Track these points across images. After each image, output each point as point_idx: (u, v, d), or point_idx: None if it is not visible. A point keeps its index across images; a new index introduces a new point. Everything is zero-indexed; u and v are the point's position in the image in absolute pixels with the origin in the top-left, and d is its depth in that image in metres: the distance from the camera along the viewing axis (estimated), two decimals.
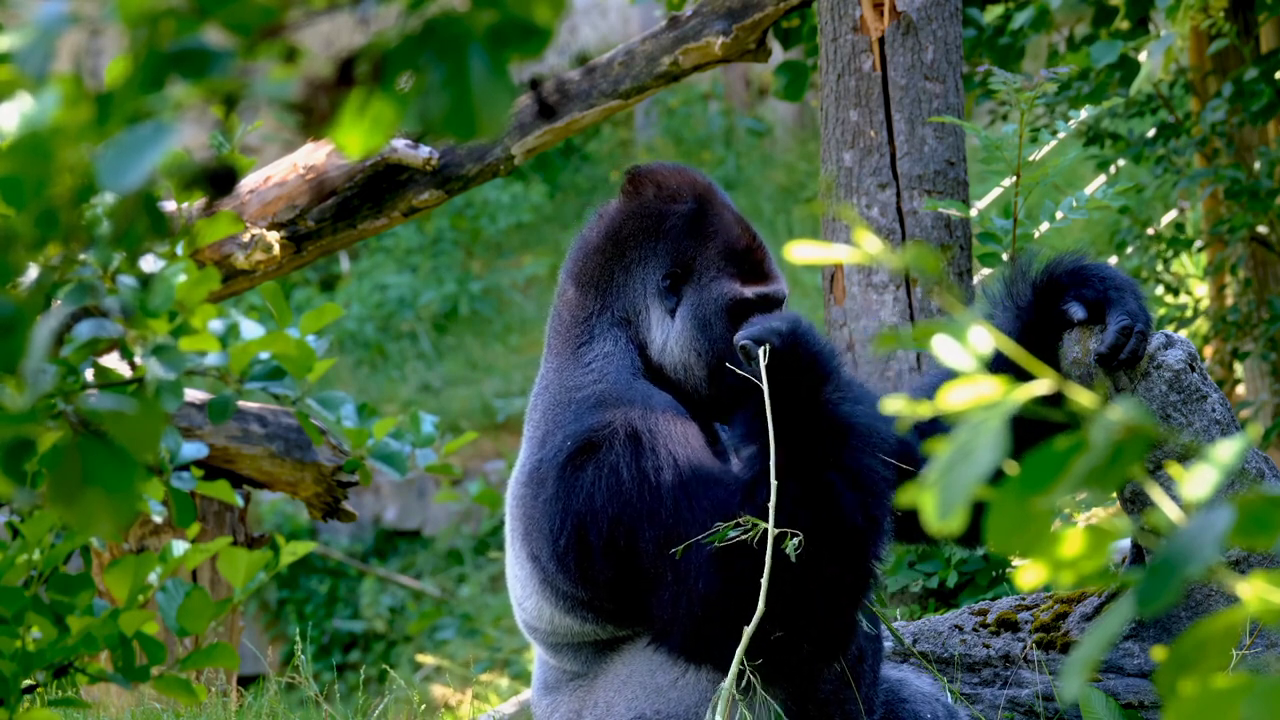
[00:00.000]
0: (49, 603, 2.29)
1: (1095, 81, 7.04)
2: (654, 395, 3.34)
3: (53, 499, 1.63)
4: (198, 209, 1.83)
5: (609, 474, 3.23)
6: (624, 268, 3.48)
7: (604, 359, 3.43)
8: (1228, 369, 7.97)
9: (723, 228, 3.46)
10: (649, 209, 3.48)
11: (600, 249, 3.50)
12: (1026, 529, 1.44)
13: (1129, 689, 3.73)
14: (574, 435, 3.29)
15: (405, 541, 12.82)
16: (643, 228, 3.47)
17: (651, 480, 3.22)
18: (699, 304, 3.43)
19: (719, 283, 3.43)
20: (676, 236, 3.46)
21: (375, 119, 1.44)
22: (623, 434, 3.25)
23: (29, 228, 1.50)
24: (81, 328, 1.89)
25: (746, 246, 3.46)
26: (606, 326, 3.46)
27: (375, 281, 14.78)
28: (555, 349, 3.49)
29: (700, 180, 3.52)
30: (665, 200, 3.48)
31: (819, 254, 1.61)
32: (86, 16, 1.55)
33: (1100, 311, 3.48)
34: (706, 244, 3.45)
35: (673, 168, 3.55)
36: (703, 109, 15.76)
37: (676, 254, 3.45)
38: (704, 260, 3.45)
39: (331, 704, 4.78)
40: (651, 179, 3.52)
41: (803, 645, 3.22)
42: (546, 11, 1.40)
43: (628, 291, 3.47)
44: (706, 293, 3.43)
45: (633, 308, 3.47)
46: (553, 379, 3.46)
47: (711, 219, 3.46)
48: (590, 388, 3.38)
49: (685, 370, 3.43)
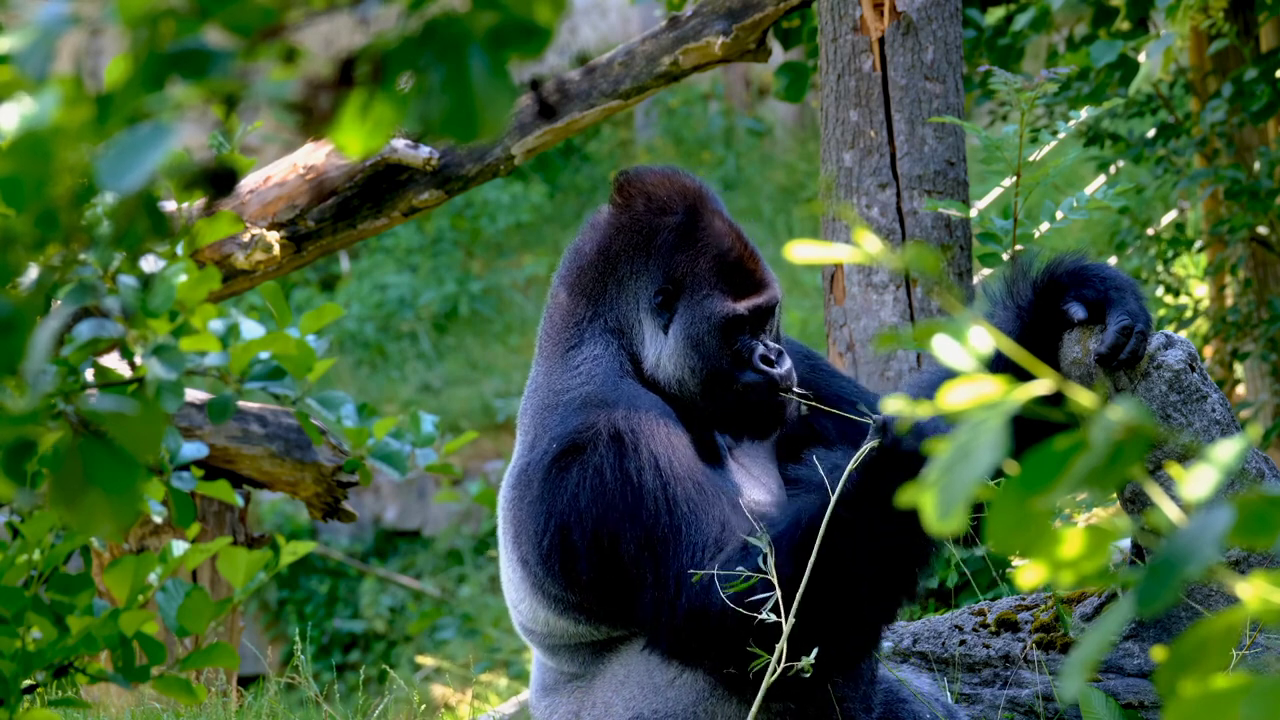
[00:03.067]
0: (49, 603, 2.29)
1: (1095, 82, 7.04)
2: (640, 396, 3.34)
3: (53, 499, 1.63)
4: (198, 209, 1.83)
5: (593, 475, 3.24)
6: (616, 281, 3.47)
7: (591, 362, 3.42)
8: (1228, 369, 7.97)
9: (713, 239, 3.42)
10: (639, 223, 3.46)
11: (593, 262, 3.48)
12: (1026, 529, 1.44)
13: (1129, 689, 3.73)
14: (559, 437, 3.29)
15: (405, 541, 12.82)
16: (633, 243, 3.45)
17: (634, 481, 3.22)
18: (691, 322, 3.41)
19: (711, 300, 3.40)
20: (667, 252, 3.43)
21: (375, 120, 1.44)
22: (606, 435, 3.25)
23: (29, 228, 1.50)
24: (82, 328, 1.89)
25: (738, 257, 3.43)
26: (598, 332, 3.45)
27: (375, 281, 14.79)
28: (545, 352, 3.50)
29: (690, 186, 3.48)
30: (655, 213, 3.45)
31: (819, 254, 1.61)
32: (86, 17, 1.55)
33: (1100, 311, 3.48)
34: (697, 259, 3.42)
35: (662, 174, 3.51)
36: (703, 109, 15.76)
37: (668, 270, 3.43)
38: (695, 276, 3.42)
39: (331, 704, 4.78)
40: (641, 189, 3.48)
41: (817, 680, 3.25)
42: (547, 11, 1.40)
43: (620, 304, 3.46)
44: (699, 310, 3.41)
45: (625, 320, 3.46)
46: (541, 382, 3.47)
47: (701, 230, 3.43)
48: (577, 390, 3.38)
49: (680, 385, 3.42)
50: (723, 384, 3.40)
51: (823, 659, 3.16)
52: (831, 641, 3.17)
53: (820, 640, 3.15)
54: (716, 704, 3.33)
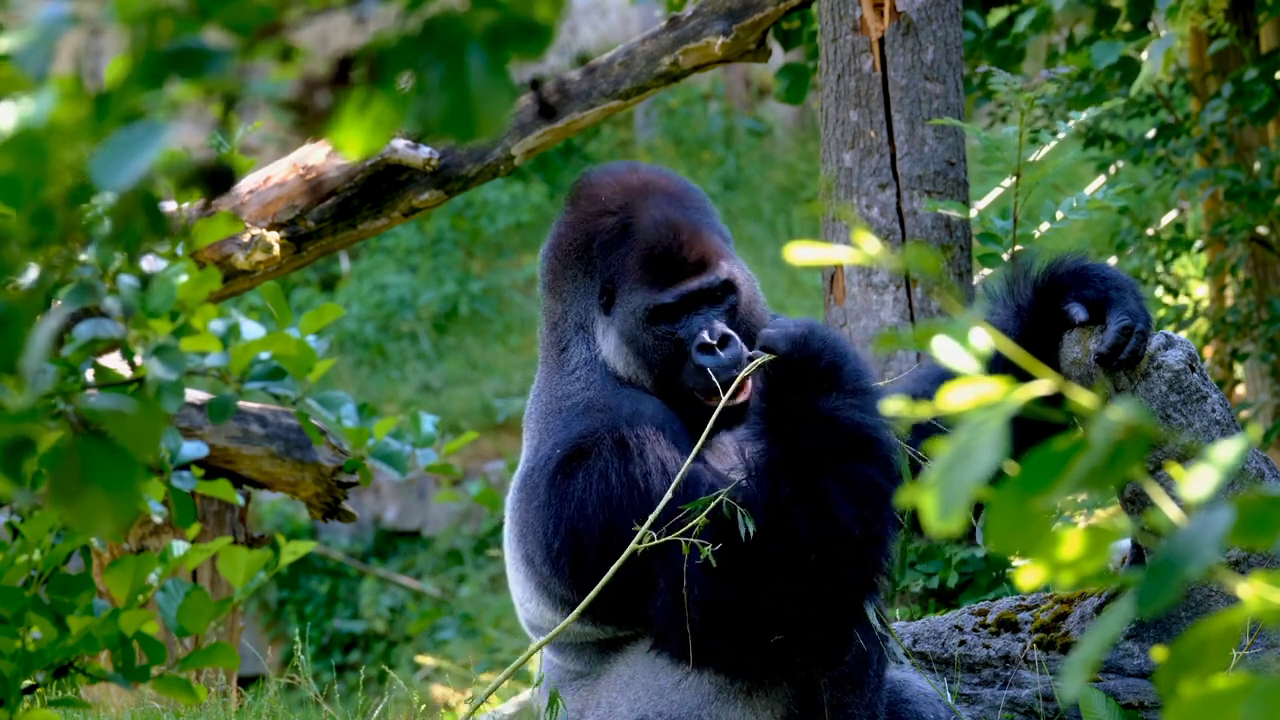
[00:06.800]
0: (49, 603, 2.29)
1: (1095, 82, 7.04)
2: (641, 401, 3.34)
3: (53, 499, 1.63)
4: (197, 209, 1.83)
5: (598, 480, 3.24)
6: (570, 279, 3.48)
7: (586, 366, 3.43)
8: (1228, 370, 7.97)
9: (643, 233, 3.41)
10: (581, 226, 3.47)
11: (552, 266, 3.51)
12: (1026, 529, 1.43)
13: (1129, 689, 3.73)
14: (563, 443, 3.30)
15: (405, 542, 12.83)
16: (577, 245, 3.47)
17: (640, 486, 3.22)
18: (624, 319, 3.41)
19: (636, 294, 3.39)
20: (603, 253, 3.43)
21: (375, 119, 1.44)
22: (610, 440, 3.25)
23: (25, 226, 1.50)
24: (82, 328, 1.88)
25: (666, 247, 3.39)
26: (574, 331, 3.47)
27: (375, 281, 14.79)
28: (543, 356, 3.53)
29: (634, 184, 3.47)
30: (595, 215, 3.46)
31: (819, 254, 1.61)
32: (86, 17, 1.55)
33: (1101, 312, 3.48)
34: (626, 257, 3.41)
35: (612, 174, 3.51)
36: (703, 109, 15.76)
37: (604, 271, 3.43)
38: (623, 274, 3.41)
39: (331, 704, 4.78)
40: (588, 191, 3.49)
41: (797, 653, 3.21)
42: (546, 10, 1.40)
43: (578, 303, 3.48)
44: (628, 306, 3.40)
45: (585, 318, 3.47)
46: (543, 386, 3.49)
47: (633, 228, 3.42)
48: (579, 395, 3.39)
49: (635, 380, 3.42)
50: (670, 377, 3.39)
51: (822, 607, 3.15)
52: (828, 578, 3.13)
53: (817, 587, 3.13)
54: (722, 707, 3.33)
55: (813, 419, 3.15)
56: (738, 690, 3.33)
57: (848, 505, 3.11)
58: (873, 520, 3.14)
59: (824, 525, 3.11)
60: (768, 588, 3.14)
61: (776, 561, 3.12)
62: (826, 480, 3.12)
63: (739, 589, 3.15)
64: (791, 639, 3.19)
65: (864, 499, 3.13)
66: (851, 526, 3.11)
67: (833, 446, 3.14)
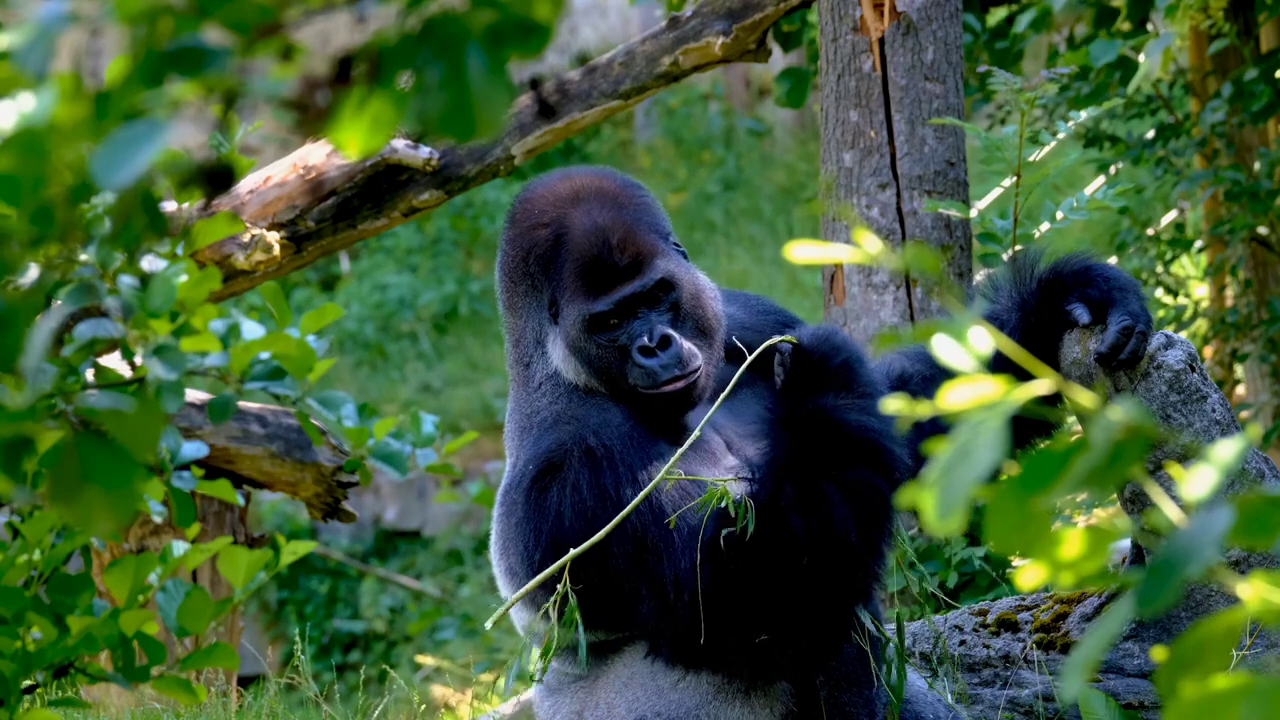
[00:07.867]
0: (49, 603, 2.29)
1: (1095, 82, 7.04)
2: (608, 410, 3.34)
3: (52, 498, 1.63)
4: (197, 209, 1.83)
5: (571, 493, 3.23)
6: (522, 295, 3.48)
7: (550, 381, 3.43)
8: (1228, 370, 7.97)
9: (574, 244, 3.39)
10: (519, 241, 3.46)
11: (503, 283, 3.51)
12: (1026, 529, 1.43)
13: (1129, 689, 3.73)
14: (534, 458, 3.31)
15: (405, 542, 12.83)
16: (518, 261, 3.46)
17: (613, 495, 3.21)
18: (568, 330, 3.40)
19: (574, 305, 3.38)
20: (541, 267, 3.43)
21: (374, 118, 1.44)
22: (578, 452, 3.25)
23: (25, 225, 1.50)
24: (82, 328, 1.88)
25: (596, 255, 3.37)
26: (533, 346, 3.47)
27: (375, 281, 14.79)
28: (512, 375, 3.55)
29: (565, 192, 3.45)
30: (530, 229, 3.44)
31: (819, 254, 1.61)
32: (86, 16, 1.55)
33: (1102, 311, 3.48)
34: (563, 268, 3.40)
35: (545, 184, 3.49)
36: (703, 109, 15.76)
37: (548, 285, 3.43)
38: (561, 286, 3.41)
39: (331, 704, 4.78)
40: (523, 205, 3.48)
41: (783, 654, 3.21)
42: (545, 9, 1.40)
43: (532, 319, 3.48)
44: (569, 318, 3.39)
45: (540, 333, 3.47)
46: (515, 404, 3.51)
47: (565, 239, 3.40)
48: (546, 410, 3.39)
49: (594, 389, 3.42)
50: (618, 381, 3.39)
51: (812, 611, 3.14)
52: (820, 582, 3.13)
53: (808, 591, 3.13)
54: (721, 707, 3.33)
55: (821, 420, 3.15)
56: (736, 690, 3.33)
57: (846, 510, 3.10)
58: (871, 526, 3.13)
59: (821, 530, 3.10)
60: (758, 589, 3.14)
61: (769, 563, 3.12)
62: (827, 485, 3.11)
63: (728, 589, 3.15)
64: (778, 641, 3.19)
65: (864, 506, 3.12)
66: (848, 531, 3.11)
67: (838, 451, 3.13)
